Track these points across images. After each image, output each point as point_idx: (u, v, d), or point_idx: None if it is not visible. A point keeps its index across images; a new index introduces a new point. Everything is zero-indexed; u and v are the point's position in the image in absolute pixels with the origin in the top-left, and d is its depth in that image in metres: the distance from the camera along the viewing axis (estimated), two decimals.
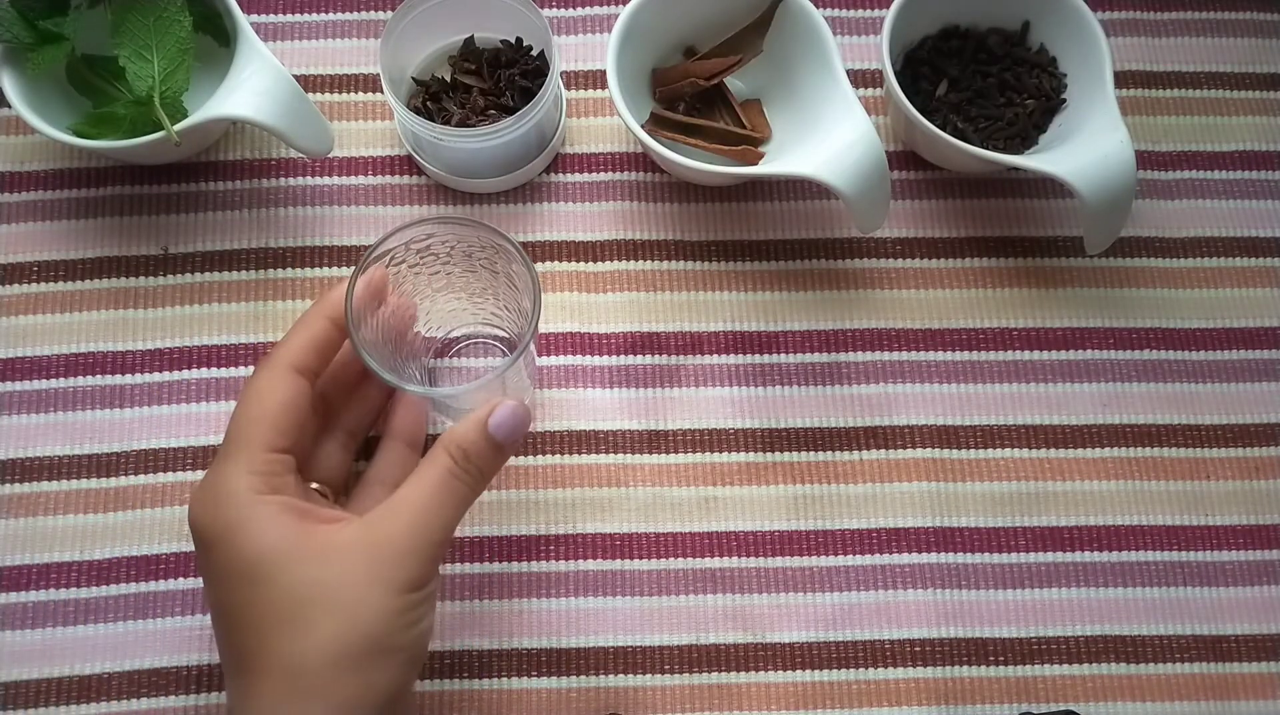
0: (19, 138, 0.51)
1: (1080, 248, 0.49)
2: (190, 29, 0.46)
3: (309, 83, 0.53)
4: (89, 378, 0.48)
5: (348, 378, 0.42)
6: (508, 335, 0.47)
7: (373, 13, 0.54)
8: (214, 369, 0.48)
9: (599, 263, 0.50)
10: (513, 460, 0.47)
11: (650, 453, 0.48)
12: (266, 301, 0.49)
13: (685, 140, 0.49)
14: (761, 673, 0.45)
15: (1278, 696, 0.45)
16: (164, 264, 0.50)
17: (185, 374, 0.48)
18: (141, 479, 0.47)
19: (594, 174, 0.52)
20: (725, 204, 0.51)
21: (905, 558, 0.47)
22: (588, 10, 0.54)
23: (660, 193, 0.52)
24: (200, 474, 0.47)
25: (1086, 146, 0.46)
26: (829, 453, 0.48)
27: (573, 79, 0.53)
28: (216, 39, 0.48)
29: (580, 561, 0.46)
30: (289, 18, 0.54)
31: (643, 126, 0.47)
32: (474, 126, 0.48)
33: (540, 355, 0.49)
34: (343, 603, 0.34)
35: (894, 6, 0.48)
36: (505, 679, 0.45)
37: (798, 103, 0.50)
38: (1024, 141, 0.50)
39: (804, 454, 0.48)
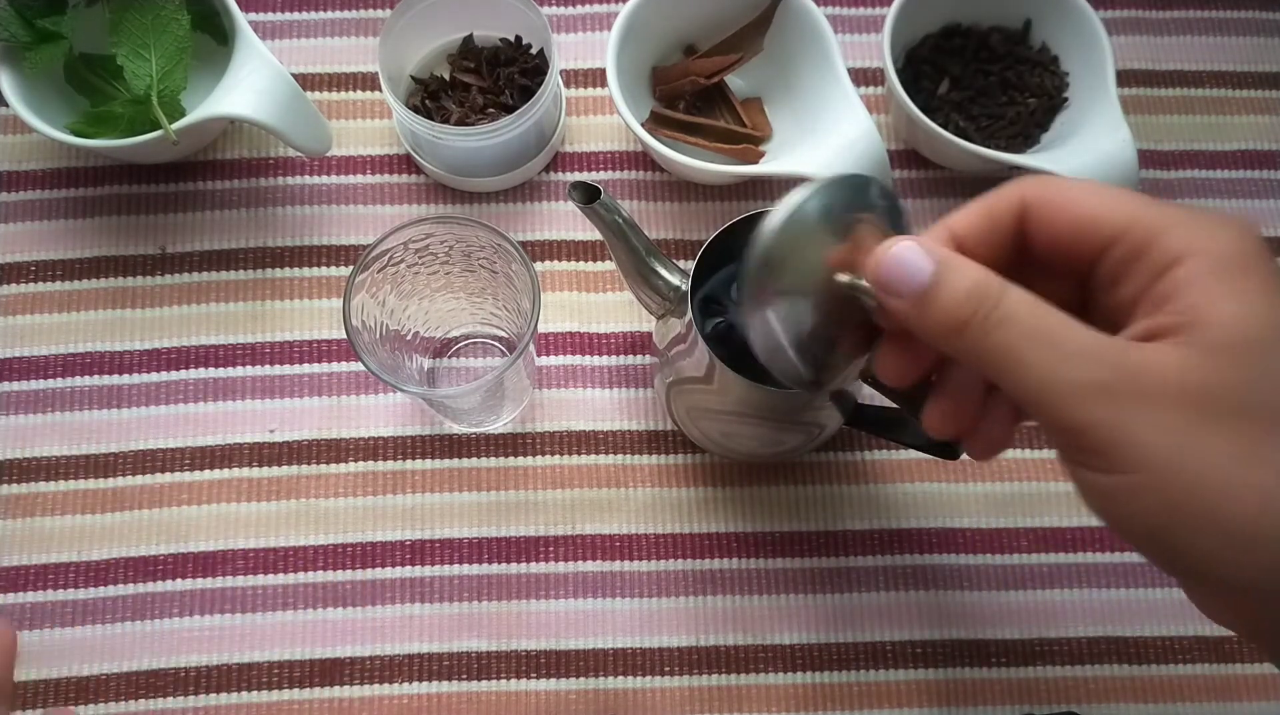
0: (16, 137, 0.51)
1: None
2: (188, 27, 0.46)
3: (307, 81, 0.53)
4: (86, 378, 0.48)
5: None
6: (507, 335, 0.47)
7: (371, 11, 0.54)
8: (212, 369, 0.48)
9: (599, 262, 0.50)
10: (513, 460, 0.47)
11: (650, 453, 0.48)
12: (265, 301, 0.49)
13: (686, 139, 0.49)
14: (762, 674, 0.45)
15: (1279, 698, 0.45)
16: (161, 263, 0.50)
17: (183, 374, 0.48)
18: (139, 480, 0.47)
19: (594, 173, 0.52)
20: (726, 203, 0.51)
21: (906, 559, 0.46)
22: (587, 8, 0.54)
23: (660, 192, 0.51)
24: (199, 474, 0.47)
25: (1088, 145, 0.46)
26: (830, 453, 0.48)
27: (572, 77, 0.53)
28: (214, 37, 0.48)
29: (580, 563, 0.46)
30: (287, 16, 0.54)
31: (643, 125, 0.47)
32: (473, 125, 0.48)
33: (540, 355, 0.49)
34: None
35: (895, 5, 0.48)
36: (504, 681, 0.44)
37: (799, 101, 0.49)
38: (1026, 140, 0.50)
39: (804, 454, 0.47)
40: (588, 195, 0.38)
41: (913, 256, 0.26)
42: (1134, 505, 0.24)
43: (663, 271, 0.40)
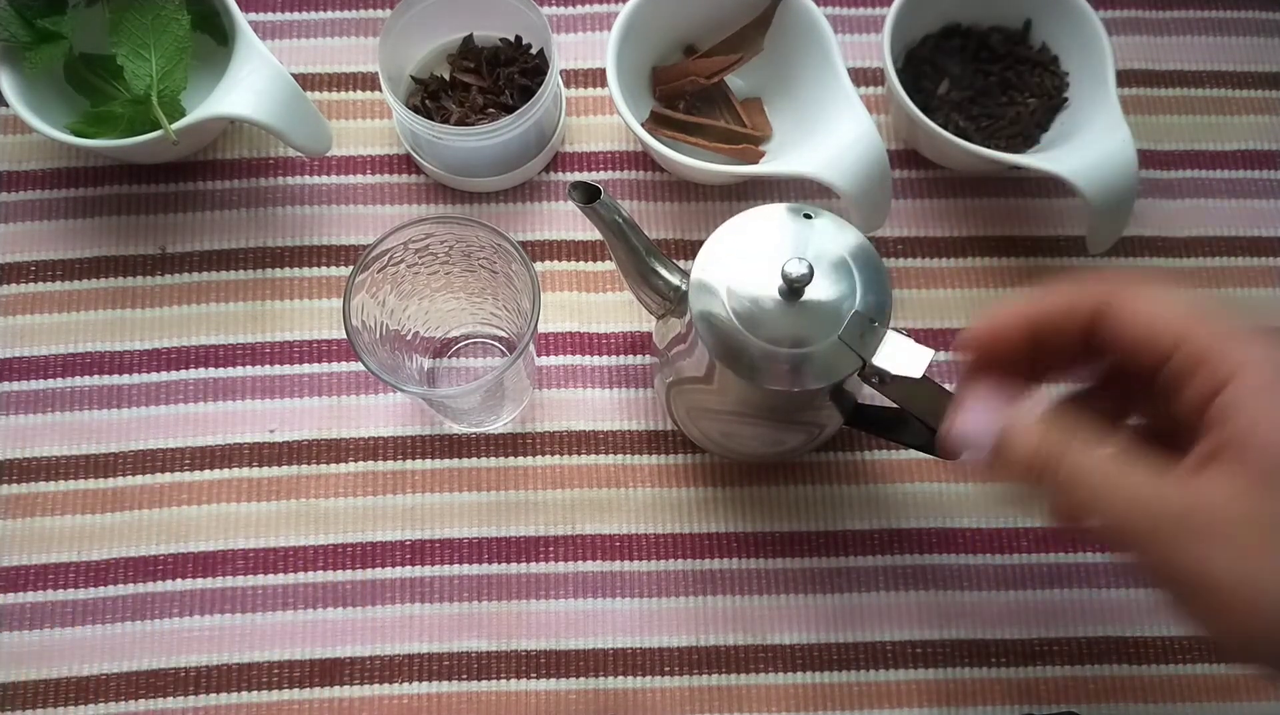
0: (17, 137, 0.51)
1: (1082, 247, 0.49)
2: (188, 27, 0.46)
3: (307, 81, 0.53)
4: (87, 378, 0.48)
5: None
6: (507, 335, 0.47)
7: (371, 11, 0.54)
8: (212, 369, 0.48)
9: (599, 262, 0.50)
10: (513, 460, 0.47)
11: (650, 453, 0.48)
12: (265, 301, 0.49)
13: (686, 139, 0.49)
14: (762, 674, 0.45)
15: (1278, 697, 0.45)
16: (162, 263, 0.50)
17: (183, 374, 0.48)
18: (139, 479, 0.47)
19: (594, 173, 0.52)
20: (726, 203, 0.51)
21: (906, 559, 0.46)
22: (587, 8, 0.54)
23: (660, 192, 0.51)
24: (199, 474, 0.47)
25: (1088, 145, 0.46)
26: (830, 453, 0.48)
27: (572, 77, 0.53)
28: (214, 37, 0.48)
29: (580, 562, 0.46)
30: (287, 16, 0.54)
31: (643, 125, 0.47)
32: (473, 125, 0.48)
33: (540, 355, 0.49)
34: None
35: (895, 4, 0.48)
36: (504, 680, 0.44)
37: (798, 101, 0.49)
38: (1026, 140, 0.50)
39: (805, 455, 0.47)
40: (588, 195, 0.38)
41: (975, 430, 0.31)
42: (1215, 627, 0.27)
43: (663, 271, 0.40)
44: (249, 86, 0.44)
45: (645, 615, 0.45)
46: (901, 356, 0.36)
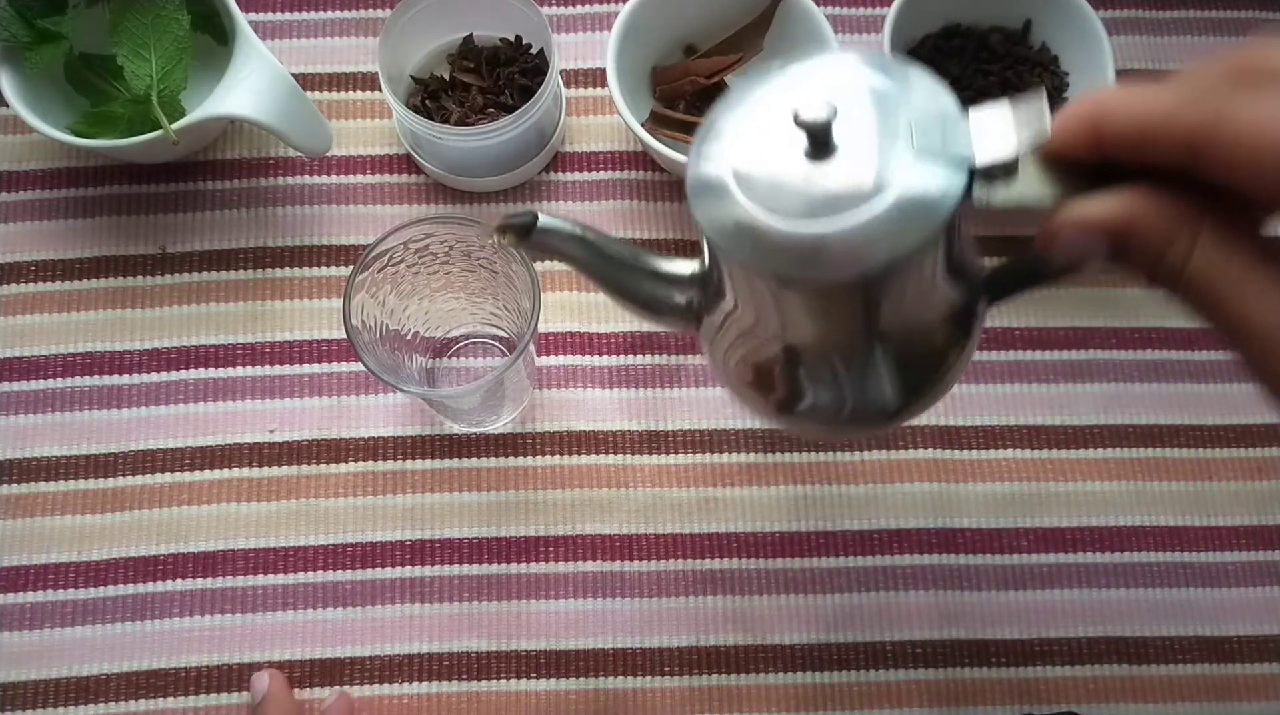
0: (17, 137, 0.51)
1: None
2: (188, 27, 0.46)
3: (307, 81, 0.53)
4: (86, 378, 0.48)
5: None
6: (507, 335, 0.47)
7: (371, 11, 0.54)
8: (212, 369, 0.48)
9: None
10: (513, 460, 0.47)
11: (650, 453, 0.48)
12: (264, 301, 0.49)
13: (686, 139, 0.49)
14: (762, 674, 0.45)
15: (1278, 697, 0.45)
16: (161, 263, 0.50)
17: (183, 374, 0.48)
18: (139, 479, 0.47)
19: (594, 173, 0.52)
20: None
21: (906, 559, 0.46)
22: (587, 8, 0.54)
23: (660, 192, 0.51)
24: (199, 474, 0.47)
25: None
26: (830, 453, 0.48)
27: (572, 77, 0.53)
28: (214, 38, 0.48)
29: (580, 563, 0.46)
30: (287, 16, 0.54)
31: (643, 125, 0.47)
32: (473, 125, 0.48)
33: (540, 355, 0.49)
34: None
35: (895, 5, 0.48)
36: (504, 680, 0.44)
37: None
38: None
39: (804, 454, 0.48)
40: (522, 231, 0.28)
41: (1083, 242, 0.25)
42: None
43: (665, 267, 0.31)
44: (249, 87, 0.44)
45: (645, 615, 0.45)
46: (1011, 130, 0.24)
